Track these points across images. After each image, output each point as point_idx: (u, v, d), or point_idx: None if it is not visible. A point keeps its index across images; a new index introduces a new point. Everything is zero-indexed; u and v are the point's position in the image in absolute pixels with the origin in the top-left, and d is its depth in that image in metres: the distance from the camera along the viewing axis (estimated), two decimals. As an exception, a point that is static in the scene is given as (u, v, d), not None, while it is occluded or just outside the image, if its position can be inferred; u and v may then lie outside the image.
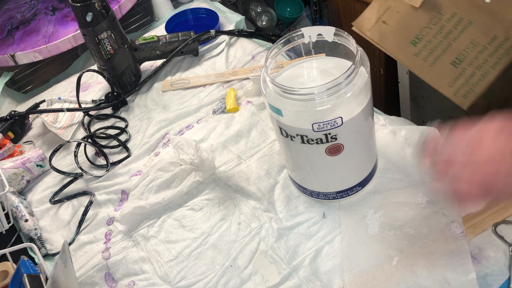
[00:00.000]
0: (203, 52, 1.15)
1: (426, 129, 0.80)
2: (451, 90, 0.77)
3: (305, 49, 0.71)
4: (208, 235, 0.78)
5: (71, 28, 1.21)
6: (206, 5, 1.28)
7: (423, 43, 0.78)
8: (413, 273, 0.64)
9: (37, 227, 0.86)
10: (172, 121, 1.00)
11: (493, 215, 0.67)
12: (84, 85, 1.17)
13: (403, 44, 0.80)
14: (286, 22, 1.91)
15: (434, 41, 0.78)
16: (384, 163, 0.78)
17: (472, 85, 0.76)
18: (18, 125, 1.08)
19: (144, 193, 0.86)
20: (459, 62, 0.76)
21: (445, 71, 0.77)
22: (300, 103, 0.62)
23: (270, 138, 0.90)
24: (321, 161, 0.68)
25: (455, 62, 0.77)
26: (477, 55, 0.75)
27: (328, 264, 0.69)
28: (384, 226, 0.71)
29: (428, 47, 0.78)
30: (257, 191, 0.81)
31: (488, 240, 0.65)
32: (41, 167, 0.97)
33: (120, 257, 0.79)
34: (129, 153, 0.97)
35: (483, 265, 0.63)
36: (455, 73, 0.77)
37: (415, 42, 0.79)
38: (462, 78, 0.76)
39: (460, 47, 0.76)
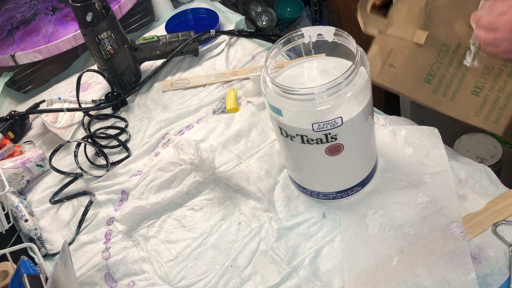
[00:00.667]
0: (203, 52, 1.15)
1: (426, 129, 0.80)
2: (480, 119, 0.75)
3: (305, 49, 0.71)
4: (208, 235, 0.78)
5: (71, 28, 1.21)
6: (206, 5, 1.28)
7: (437, 78, 0.76)
8: (413, 273, 0.64)
9: (37, 227, 0.86)
10: (172, 121, 1.00)
11: (493, 215, 0.67)
12: (84, 85, 1.17)
13: (418, 84, 0.78)
14: (286, 22, 1.91)
15: (447, 75, 0.76)
16: (384, 163, 0.78)
17: (500, 109, 0.74)
18: (18, 125, 1.08)
19: (144, 193, 0.86)
20: (480, 90, 0.74)
21: (467, 102, 0.75)
22: (300, 103, 0.62)
23: (270, 138, 0.90)
24: (321, 161, 0.68)
25: (475, 91, 0.74)
26: (495, 79, 0.74)
27: (328, 264, 0.69)
28: (384, 226, 0.71)
29: (443, 82, 0.76)
30: (257, 191, 0.81)
31: (488, 240, 0.65)
32: (41, 167, 0.97)
33: (120, 257, 0.79)
34: (129, 153, 0.97)
35: (483, 265, 0.63)
36: (479, 102, 0.75)
37: (429, 80, 0.77)
38: (487, 104, 0.74)
39: (476, 75, 0.74)
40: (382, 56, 0.80)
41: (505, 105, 0.74)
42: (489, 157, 1.24)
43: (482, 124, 0.76)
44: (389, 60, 0.79)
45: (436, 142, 0.78)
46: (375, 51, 0.81)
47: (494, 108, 0.75)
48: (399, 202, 0.73)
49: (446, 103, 0.77)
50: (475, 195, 0.71)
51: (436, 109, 0.78)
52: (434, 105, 0.78)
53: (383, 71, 0.79)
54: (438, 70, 0.77)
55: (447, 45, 0.75)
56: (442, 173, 0.74)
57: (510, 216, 0.67)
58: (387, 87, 0.80)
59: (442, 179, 0.73)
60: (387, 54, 0.79)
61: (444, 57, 0.76)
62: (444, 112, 0.78)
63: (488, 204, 0.69)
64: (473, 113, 0.76)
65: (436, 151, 0.77)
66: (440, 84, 0.77)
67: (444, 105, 0.77)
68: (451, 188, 0.72)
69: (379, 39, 0.81)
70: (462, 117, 0.77)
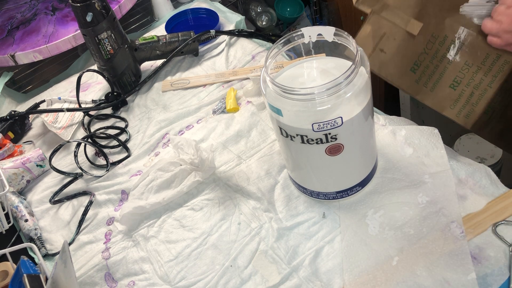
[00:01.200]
0: (203, 52, 1.15)
1: (426, 129, 0.80)
2: (454, 112, 0.78)
3: (305, 49, 0.71)
4: (208, 235, 0.78)
5: (71, 28, 1.21)
6: (206, 5, 1.28)
7: (422, 69, 0.78)
8: (413, 273, 0.64)
9: (37, 227, 0.86)
10: (172, 121, 1.00)
11: (493, 215, 0.67)
12: (84, 85, 1.17)
13: (404, 72, 0.79)
14: (286, 22, 1.91)
15: (431, 66, 0.78)
16: (384, 163, 0.78)
17: (472, 105, 0.77)
18: (18, 125, 1.08)
19: (144, 193, 0.86)
20: (457, 84, 0.77)
21: (445, 95, 0.78)
22: (300, 103, 0.62)
23: (270, 138, 0.90)
24: (321, 161, 0.68)
25: (453, 84, 0.77)
26: (472, 76, 0.76)
27: (328, 264, 0.69)
28: (384, 226, 0.71)
29: (426, 73, 0.78)
30: (257, 191, 0.81)
31: (488, 240, 0.65)
32: (41, 167, 0.97)
33: (120, 257, 0.79)
34: (129, 153, 0.97)
35: (483, 265, 0.63)
36: (455, 95, 0.77)
37: (414, 69, 0.79)
38: (462, 99, 0.77)
39: (456, 69, 0.77)
40: (374, 38, 0.81)
41: (477, 102, 0.77)
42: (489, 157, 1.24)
43: (455, 117, 0.78)
44: (381, 45, 0.80)
45: (436, 142, 0.78)
46: (367, 30, 0.81)
47: (467, 103, 0.77)
48: (399, 202, 0.73)
49: (426, 93, 0.79)
50: (475, 195, 0.71)
51: (416, 98, 0.80)
52: (415, 94, 0.80)
53: (374, 55, 0.81)
54: (423, 60, 0.78)
55: (435, 36, 0.77)
56: (442, 173, 0.74)
57: (510, 216, 0.67)
58: (374, 72, 0.81)
59: (442, 179, 0.73)
60: (379, 38, 0.80)
61: (430, 49, 0.78)
62: (423, 101, 0.80)
63: (488, 204, 0.69)
64: (448, 106, 0.78)
65: (436, 151, 0.77)
66: (423, 74, 0.79)
67: (423, 95, 0.79)
68: (451, 188, 0.72)
69: (373, 20, 0.81)
70: (438, 108, 0.79)
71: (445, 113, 0.78)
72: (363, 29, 0.82)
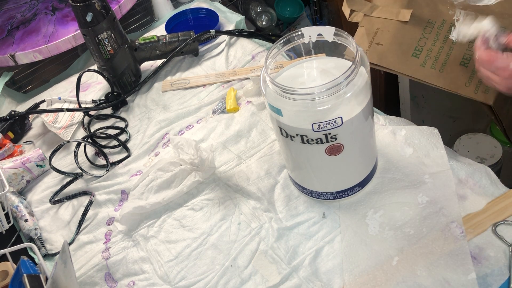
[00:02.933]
0: (203, 52, 1.15)
1: (426, 129, 0.80)
2: (471, 89, 0.76)
3: (305, 49, 0.71)
4: (208, 235, 0.78)
5: (71, 28, 1.21)
6: (206, 5, 1.28)
7: (425, 52, 0.78)
8: (413, 273, 0.64)
9: (37, 227, 0.86)
10: (172, 121, 1.00)
11: (493, 215, 0.67)
12: (84, 85, 1.17)
13: (405, 59, 0.79)
14: (286, 22, 1.91)
15: (435, 48, 0.78)
16: (384, 163, 0.78)
17: None
18: (18, 125, 1.08)
19: (144, 193, 0.86)
20: (468, 61, 0.76)
21: (457, 73, 0.77)
22: (300, 103, 0.62)
23: (270, 138, 0.90)
24: (321, 161, 0.68)
25: (463, 62, 0.76)
26: None
27: (328, 264, 0.69)
28: (384, 226, 0.71)
29: (431, 55, 0.78)
30: (257, 191, 0.81)
31: (488, 240, 0.65)
32: (41, 167, 0.97)
33: (120, 257, 0.79)
34: (129, 153, 0.97)
35: (483, 265, 0.63)
36: (468, 72, 0.76)
37: (416, 54, 0.78)
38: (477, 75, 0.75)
39: (463, 48, 0.76)
40: (368, 36, 0.82)
41: None
42: (489, 157, 1.24)
43: (473, 94, 0.77)
44: (376, 39, 0.81)
45: (436, 142, 0.78)
46: (361, 32, 0.82)
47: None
48: (399, 202, 0.73)
49: (436, 75, 0.78)
50: (475, 195, 0.71)
51: (426, 82, 0.79)
52: (424, 78, 0.79)
53: (371, 49, 0.81)
54: (425, 44, 0.78)
55: (432, 22, 0.78)
56: (442, 173, 0.74)
57: (510, 216, 0.67)
58: (375, 64, 0.81)
59: (442, 179, 0.73)
60: (373, 34, 0.81)
61: (430, 33, 0.78)
62: (434, 84, 0.79)
63: (488, 204, 0.69)
64: (463, 84, 0.77)
65: (436, 151, 0.77)
66: (428, 57, 0.78)
67: (433, 77, 0.78)
68: (451, 188, 0.72)
69: (364, 21, 0.83)
70: (453, 88, 0.78)
71: (461, 91, 0.77)
72: (357, 32, 0.83)
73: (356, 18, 0.85)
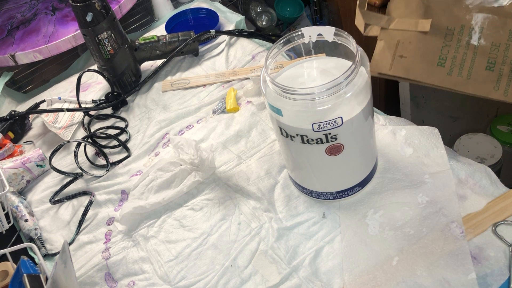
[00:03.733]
0: (203, 52, 1.15)
1: (426, 129, 0.80)
2: (500, 92, 0.76)
3: (305, 49, 0.71)
4: (208, 235, 0.78)
5: (71, 28, 1.21)
6: (206, 5, 1.28)
7: (450, 60, 0.78)
8: (413, 273, 0.64)
9: (37, 227, 0.86)
10: (172, 121, 1.00)
11: (493, 215, 0.67)
12: (84, 85, 1.17)
13: (431, 69, 0.79)
14: (286, 22, 1.91)
15: (459, 56, 0.77)
16: (384, 163, 0.78)
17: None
18: (18, 125, 1.08)
19: (144, 193, 0.86)
20: (493, 65, 0.76)
21: (484, 78, 0.77)
22: (300, 103, 0.62)
23: (270, 138, 0.90)
24: (321, 161, 0.68)
25: (489, 66, 0.76)
26: (504, 53, 0.75)
27: (328, 264, 0.69)
28: (384, 226, 0.71)
29: (456, 63, 0.78)
30: (257, 191, 0.81)
31: (488, 240, 0.65)
32: (41, 167, 0.97)
33: (120, 257, 0.79)
34: (129, 153, 0.97)
35: (483, 265, 0.63)
36: (495, 76, 0.76)
37: (441, 63, 0.78)
38: (504, 77, 0.76)
39: (486, 52, 0.76)
40: (390, 49, 0.81)
41: None
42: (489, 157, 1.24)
43: (503, 97, 0.77)
44: (398, 52, 0.80)
45: (436, 142, 0.78)
46: (382, 46, 0.82)
47: (511, 80, 0.76)
48: (399, 202, 0.73)
49: (464, 82, 0.78)
50: (475, 195, 0.71)
51: (455, 90, 0.79)
52: (452, 86, 0.79)
53: (395, 63, 0.81)
54: (448, 53, 0.78)
55: (451, 29, 0.77)
56: (442, 173, 0.74)
57: (510, 216, 0.67)
58: (402, 78, 0.81)
59: (442, 179, 0.73)
60: (395, 47, 0.81)
61: (451, 40, 0.77)
62: (464, 91, 0.78)
63: (488, 204, 0.69)
64: (492, 88, 0.77)
65: (436, 151, 0.77)
66: (454, 65, 0.78)
67: (462, 84, 0.78)
68: (451, 188, 0.72)
69: (383, 35, 0.82)
70: (483, 93, 0.77)
71: (492, 95, 0.77)
72: (377, 47, 0.83)
73: (372, 32, 0.84)
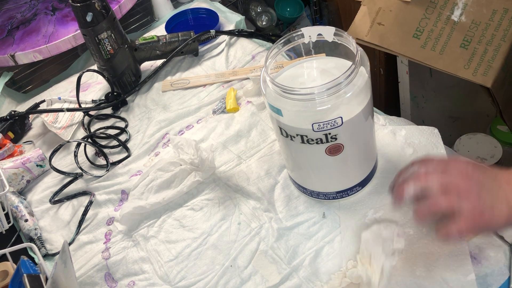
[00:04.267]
0: (203, 52, 1.15)
1: (426, 129, 0.80)
2: (469, 71, 0.76)
3: (305, 49, 0.71)
4: (208, 235, 0.78)
5: (71, 28, 1.21)
6: (206, 5, 1.28)
7: (426, 33, 0.77)
8: (413, 273, 0.64)
9: (37, 227, 0.86)
10: (172, 121, 1.00)
11: (493, 215, 0.67)
12: (84, 85, 1.17)
13: (406, 40, 0.78)
14: (286, 22, 1.91)
15: (436, 30, 0.77)
16: (384, 163, 0.78)
17: (488, 62, 0.75)
18: (18, 125, 1.08)
19: (144, 193, 0.86)
20: (468, 43, 0.75)
21: (456, 55, 0.76)
22: (300, 103, 0.62)
23: (270, 138, 0.90)
24: (321, 161, 0.68)
25: (463, 44, 0.75)
26: (483, 33, 0.74)
27: (328, 264, 0.69)
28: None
29: (432, 37, 0.77)
30: (257, 191, 0.81)
31: (488, 240, 0.65)
32: (41, 167, 0.97)
33: (120, 257, 0.79)
34: (129, 153, 0.97)
35: (483, 265, 0.63)
36: (467, 55, 0.76)
37: (417, 35, 0.77)
38: (476, 57, 0.75)
39: (464, 29, 0.75)
40: (370, 15, 0.81)
41: (493, 58, 0.75)
42: (489, 157, 1.24)
43: (471, 77, 0.76)
44: (378, 19, 0.80)
45: (436, 142, 0.78)
46: (363, 11, 0.82)
47: (482, 61, 0.75)
48: (399, 202, 0.72)
49: (436, 57, 0.78)
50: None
51: (426, 64, 0.79)
52: (423, 60, 0.79)
53: (372, 30, 0.81)
54: (426, 25, 0.78)
55: (434, 1, 0.77)
56: (442, 173, 0.74)
57: (510, 216, 0.67)
58: (376, 45, 0.81)
59: (442, 179, 0.73)
60: (375, 13, 0.80)
61: (432, 13, 0.77)
62: (434, 66, 0.78)
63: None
64: (462, 66, 0.77)
65: (436, 151, 0.77)
66: (429, 38, 0.78)
67: (433, 59, 0.78)
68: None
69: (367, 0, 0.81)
70: (452, 70, 0.77)
71: (460, 73, 0.76)
72: (359, 12, 0.82)
73: None
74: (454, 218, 0.55)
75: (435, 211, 0.56)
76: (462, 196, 0.55)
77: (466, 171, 0.57)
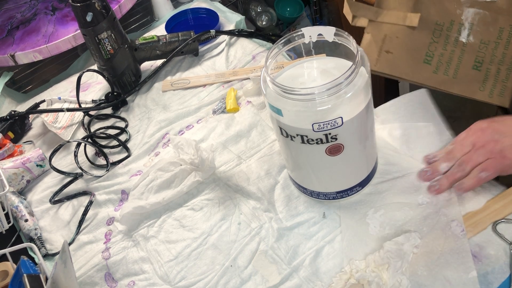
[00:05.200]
0: (203, 52, 1.15)
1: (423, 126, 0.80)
2: (485, 93, 0.75)
3: (305, 49, 0.71)
4: (208, 235, 0.78)
5: (71, 28, 1.21)
6: (206, 5, 1.28)
7: (436, 58, 0.76)
8: (414, 272, 0.64)
9: (37, 227, 0.86)
10: (172, 121, 1.00)
11: (493, 214, 0.67)
12: (84, 85, 1.17)
13: (417, 66, 0.77)
14: (286, 22, 1.91)
15: (446, 53, 0.75)
16: (384, 163, 0.78)
17: (502, 81, 0.74)
18: (18, 125, 1.08)
19: (144, 193, 0.86)
20: (480, 64, 0.74)
21: (470, 78, 0.75)
22: (301, 103, 0.62)
23: (270, 138, 0.90)
24: (321, 161, 0.68)
25: (475, 65, 0.74)
26: (493, 52, 0.73)
27: (328, 264, 0.69)
28: (385, 225, 0.71)
29: (443, 60, 0.75)
30: (257, 191, 0.81)
31: (488, 238, 0.65)
32: (41, 167, 0.97)
33: (120, 257, 0.79)
34: (129, 153, 0.97)
35: (484, 263, 0.63)
36: (481, 76, 0.74)
37: (428, 61, 0.76)
38: (490, 78, 0.74)
39: (474, 50, 0.74)
40: (376, 44, 0.79)
41: (507, 77, 0.74)
42: (489, 157, 1.24)
43: (488, 99, 0.75)
44: (385, 47, 0.78)
45: (434, 139, 0.78)
46: (368, 39, 0.80)
47: (497, 81, 0.74)
48: (400, 202, 0.73)
49: (449, 81, 0.76)
50: (475, 193, 0.71)
51: (440, 89, 0.77)
52: (438, 85, 0.77)
53: (381, 59, 0.79)
54: (435, 49, 0.76)
55: (440, 24, 0.75)
56: (442, 172, 0.74)
57: (510, 214, 0.67)
58: (387, 74, 0.79)
59: (442, 178, 0.73)
60: (381, 41, 0.78)
61: (439, 36, 0.75)
62: (449, 91, 0.77)
63: (488, 203, 0.69)
64: (477, 89, 0.75)
65: (435, 149, 0.77)
66: (440, 63, 0.76)
67: (447, 83, 0.76)
68: (451, 187, 0.72)
69: (370, 27, 0.79)
70: (468, 94, 0.76)
71: (477, 96, 0.75)
72: (364, 39, 0.80)
73: (359, 22, 0.82)
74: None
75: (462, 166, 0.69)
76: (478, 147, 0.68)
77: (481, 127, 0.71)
